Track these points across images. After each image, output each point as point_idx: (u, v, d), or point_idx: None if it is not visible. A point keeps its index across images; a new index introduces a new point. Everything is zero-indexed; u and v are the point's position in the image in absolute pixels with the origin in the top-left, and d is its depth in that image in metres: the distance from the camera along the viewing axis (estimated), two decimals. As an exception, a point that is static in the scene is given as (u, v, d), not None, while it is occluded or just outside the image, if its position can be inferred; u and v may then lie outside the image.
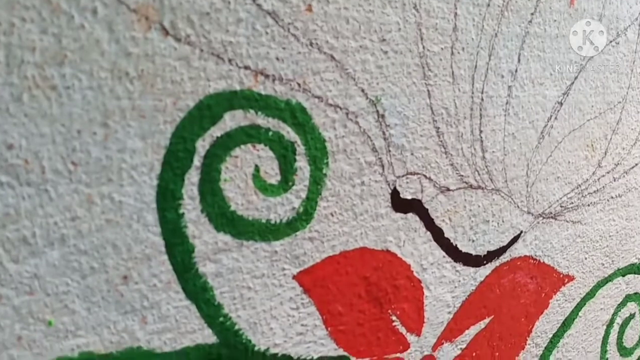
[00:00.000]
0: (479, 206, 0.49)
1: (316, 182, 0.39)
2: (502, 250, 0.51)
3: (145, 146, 0.33)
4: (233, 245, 0.37)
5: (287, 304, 0.41)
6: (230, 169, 0.36)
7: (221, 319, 0.38)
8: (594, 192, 0.57)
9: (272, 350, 0.41)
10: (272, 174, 0.37)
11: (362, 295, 0.44)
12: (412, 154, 0.43)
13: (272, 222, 0.38)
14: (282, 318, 0.41)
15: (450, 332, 0.50)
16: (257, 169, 0.37)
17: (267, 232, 0.38)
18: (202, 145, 0.34)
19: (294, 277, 0.40)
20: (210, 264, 0.36)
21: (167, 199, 0.34)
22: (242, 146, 0.36)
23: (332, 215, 0.41)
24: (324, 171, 0.40)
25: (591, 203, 0.57)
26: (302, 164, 0.38)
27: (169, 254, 0.35)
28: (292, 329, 0.41)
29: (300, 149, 0.38)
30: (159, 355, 0.36)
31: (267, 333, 0.40)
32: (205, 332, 0.37)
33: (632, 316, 0.65)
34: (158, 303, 0.35)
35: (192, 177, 0.35)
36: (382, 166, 0.42)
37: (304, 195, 0.39)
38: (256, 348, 0.40)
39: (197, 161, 0.35)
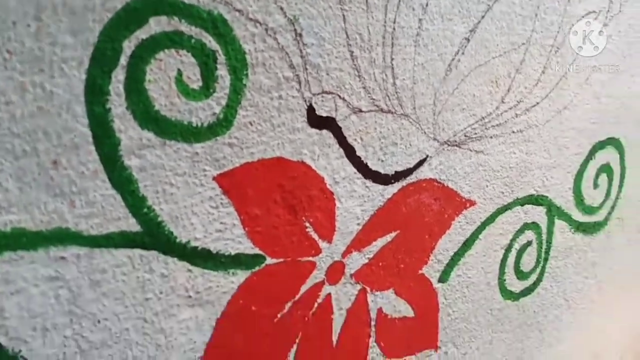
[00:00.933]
0: (388, 129, 0.54)
1: (236, 91, 0.43)
2: (409, 171, 0.57)
3: (75, 42, 0.36)
4: (156, 142, 0.41)
5: (207, 202, 0.45)
6: (155, 71, 0.39)
7: (145, 210, 0.42)
8: (497, 125, 0.63)
9: (193, 244, 0.45)
10: (194, 79, 0.41)
11: (277, 201, 0.49)
12: (327, 74, 0.48)
13: (194, 124, 0.42)
14: (202, 215, 0.45)
15: (358, 242, 0.56)
16: (180, 73, 0.40)
17: (189, 133, 0.42)
18: (128, 46, 0.38)
19: (214, 178, 0.45)
20: (135, 158, 0.40)
21: (95, 93, 0.37)
22: (166, 50, 0.39)
23: (251, 124, 0.45)
24: (244, 82, 0.44)
25: (494, 135, 0.63)
26: (222, 72, 0.42)
27: (96, 144, 0.38)
28: (212, 226, 0.46)
29: (222, 58, 0.42)
30: (85, 237, 0.40)
31: (188, 227, 0.44)
32: (129, 221, 0.41)
33: (529, 243, 0.73)
34: (86, 189, 0.39)
35: (119, 75, 0.38)
36: (299, 82, 0.47)
37: (224, 102, 0.43)
38: (177, 240, 0.44)
39: (123, 60, 0.38)
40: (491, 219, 0.67)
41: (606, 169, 0.79)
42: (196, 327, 0.47)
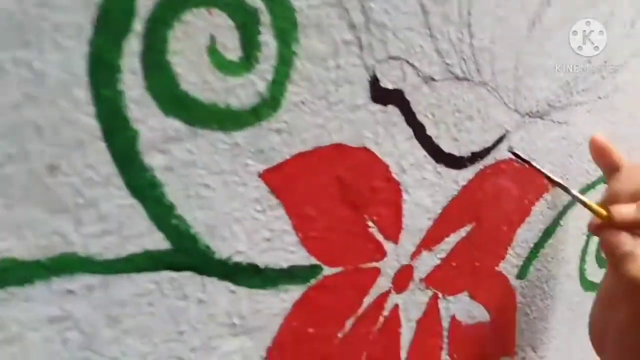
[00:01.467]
0: (464, 100, 0.44)
1: (284, 62, 0.33)
2: (486, 151, 0.47)
3: (71, 1, 0.26)
4: (185, 133, 0.31)
5: (252, 205, 0.35)
6: (180, 38, 0.29)
7: (174, 221, 0.32)
8: (582, 90, 0.52)
9: (235, 258, 0.35)
10: (231, 47, 0.31)
11: (335, 198, 0.39)
12: (394, 34, 0.38)
13: (233, 107, 0.32)
14: (245, 221, 0.35)
15: (429, 240, 0.46)
16: (213, 39, 0.30)
17: (226, 119, 0.32)
18: (145, 4, 0.28)
19: (260, 175, 0.35)
20: (159, 154, 0.30)
21: (102, 71, 0.27)
22: (195, 9, 0.29)
23: (303, 103, 0.35)
24: (294, 48, 0.33)
25: (578, 103, 0.52)
26: (267, 37, 0.32)
27: (107, 140, 0.29)
28: (258, 234, 0.36)
29: (265, 18, 0.32)
30: (98, 263, 0.30)
31: (228, 238, 0.35)
32: (155, 237, 0.32)
33: (611, 226, 0.62)
34: (96, 200, 0.29)
35: (133, 45, 0.28)
36: (361, 47, 0.36)
37: (269, 77, 0.33)
38: (216, 255, 0.35)
39: (138, 25, 0.28)
40: (574, 201, 0.57)
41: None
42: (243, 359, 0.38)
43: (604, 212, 0.41)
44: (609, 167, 0.46)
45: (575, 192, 0.45)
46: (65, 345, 0.30)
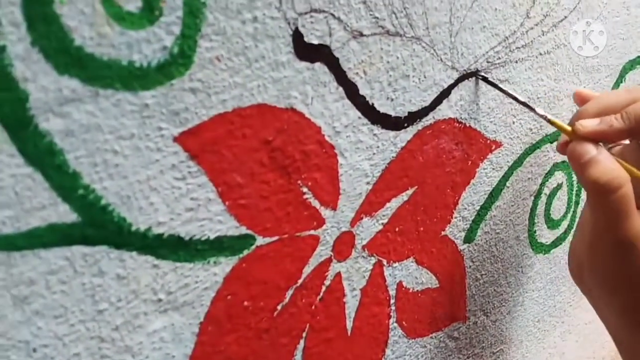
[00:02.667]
0: (397, 57, 0.42)
1: (192, 13, 0.31)
2: (424, 111, 0.45)
3: None
4: (85, 93, 0.28)
5: (170, 172, 0.33)
6: (69, -13, 0.27)
7: (81, 191, 0.30)
8: (522, 46, 0.51)
9: (156, 230, 0.33)
10: (129, -3, 0.28)
11: (264, 163, 0.37)
12: (315, -15, 0.35)
13: (137, 64, 0.30)
14: (164, 190, 0.33)
15: (369, 205, 0.44)
16: (107, -12, 0.28)
17: (130, 78, 0.30)
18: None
19: (175, 139, 0.33)
20: (56, 118, 0.28)
21: (-23, 23, 0.25)
22: (82, -46, 0.27)
23: (219, 60, 0.33)
24: (202, -1, 0.31)
25: (519, 59, 0.51)
26: (170, -14, 0.30)
27: (-9, 102, 0.26)
28: (180, 204, 0.34)
29: (167, -36, 0.29)
30: (-4, 238, 0.28)
31: (146, 209, 0.32)
32: (60, 209, 0.29)
33: (559, 186, 0.62)
34: (-15, 170, 0.26)
35: (12, -6, 0.25)
36: (279, -1, 0.34)
37: (177, 30, 0.31)
38: (134, 228, 0.32)
39: (15, -30, 0.25)
40: (519, 161, 0.56)
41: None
42: (173, 337, 0.36)
43: (568, 128, 0.43)
44: None
45: (541, 110, 0.46)
46: (-36, 332, 0.28)
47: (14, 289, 0.29)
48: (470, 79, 0.47)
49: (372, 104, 0.41)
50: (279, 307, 0.41)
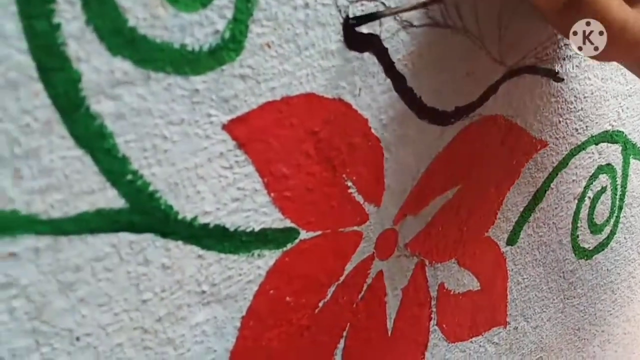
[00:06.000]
0: (446, 50, 0.41)
1: (245, -3, 0.30)
2: (471, 106, 0.44)
3: None
4: (137, 76, 0.28)
5: (217, 161, 0.32)
6: (125, -34, 0.26)
7: (129, 176, 0.29)
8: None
9: (202, 220, 0.32)
10: (184, -22, 0.28)
11: (310, 154, 0.36)
12: (367, -28, 0.35)
13: (189, 48, 0.29)
14: (211, 179, 0.32)
15: (413, 203, 0.43)
16: (162, -32, 0.27)
17: (182, 61, 0.29)
18: None
19: (224, 127, 0.32)
20: (107, 100, 0.27)
21: (33, 0, 0.24)
22: None
23: (269, 46, 0.32)
24: (256, -17, 0.30)
25: (567, 57, 0.50)
26: (225, -32, 0.29)
27: (45, 82, 0.25)
28: (226, 193, 0.33)
29: (222, -55, 0.28)
30: (44, 222, 0.27)
31: (193, 197, 0.32)
32: (108, 194, 0.29)
33: (603, 190, 0.60)
34: (36, 151, 0.26)
35: (69, -29, 0.25)
36: (331, -15, 0.33)
37: (229, 14, 0.30)
38: (180, 216, 0.32)
39: (73, -53, 0.25)
40: (564, 162, 0.54)
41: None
42: (215, 331, 0.35)
43: None
44: None
45: None
46: (11, 315, 0.27)
47: (60, 275, 0.28)
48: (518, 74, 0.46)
49: (420, 96, 0.40)
50: (320, 304, 0.40)
